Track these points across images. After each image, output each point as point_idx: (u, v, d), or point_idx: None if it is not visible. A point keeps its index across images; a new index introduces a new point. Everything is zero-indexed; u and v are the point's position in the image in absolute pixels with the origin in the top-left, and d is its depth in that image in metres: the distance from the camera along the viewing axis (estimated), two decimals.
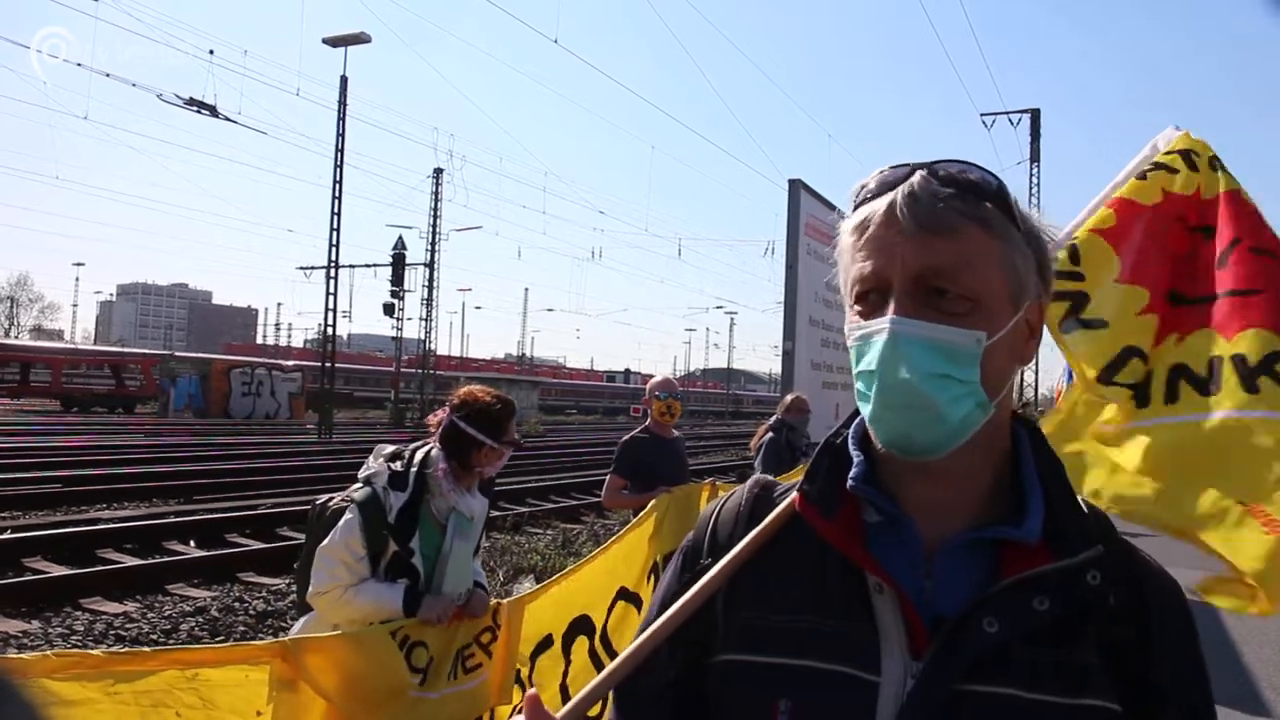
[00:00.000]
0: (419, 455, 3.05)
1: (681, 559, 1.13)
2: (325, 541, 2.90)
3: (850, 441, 1.04)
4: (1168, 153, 2.34)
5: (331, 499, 3.09)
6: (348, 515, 2.91)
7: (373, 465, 3.02)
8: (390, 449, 3.09)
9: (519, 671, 3.17)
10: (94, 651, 2.06)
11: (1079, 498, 0.99)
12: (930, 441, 0.92)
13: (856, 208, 0.98)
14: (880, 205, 0.94)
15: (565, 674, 3.30)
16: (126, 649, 2.12)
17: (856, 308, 0.97)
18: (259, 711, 2.20)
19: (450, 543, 2.99)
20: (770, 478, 1.16)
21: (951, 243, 0.92)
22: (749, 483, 1.15)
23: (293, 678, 2.31)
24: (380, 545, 2.89)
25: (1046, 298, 0.99)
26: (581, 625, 3.48)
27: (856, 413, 1.07)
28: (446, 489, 3.00)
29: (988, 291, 0.93)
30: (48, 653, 1.99)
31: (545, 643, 3.30)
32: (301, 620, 3.08)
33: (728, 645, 1.01)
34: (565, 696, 3.11)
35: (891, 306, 0.92)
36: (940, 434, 0.92)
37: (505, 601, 3.12)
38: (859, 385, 0.96)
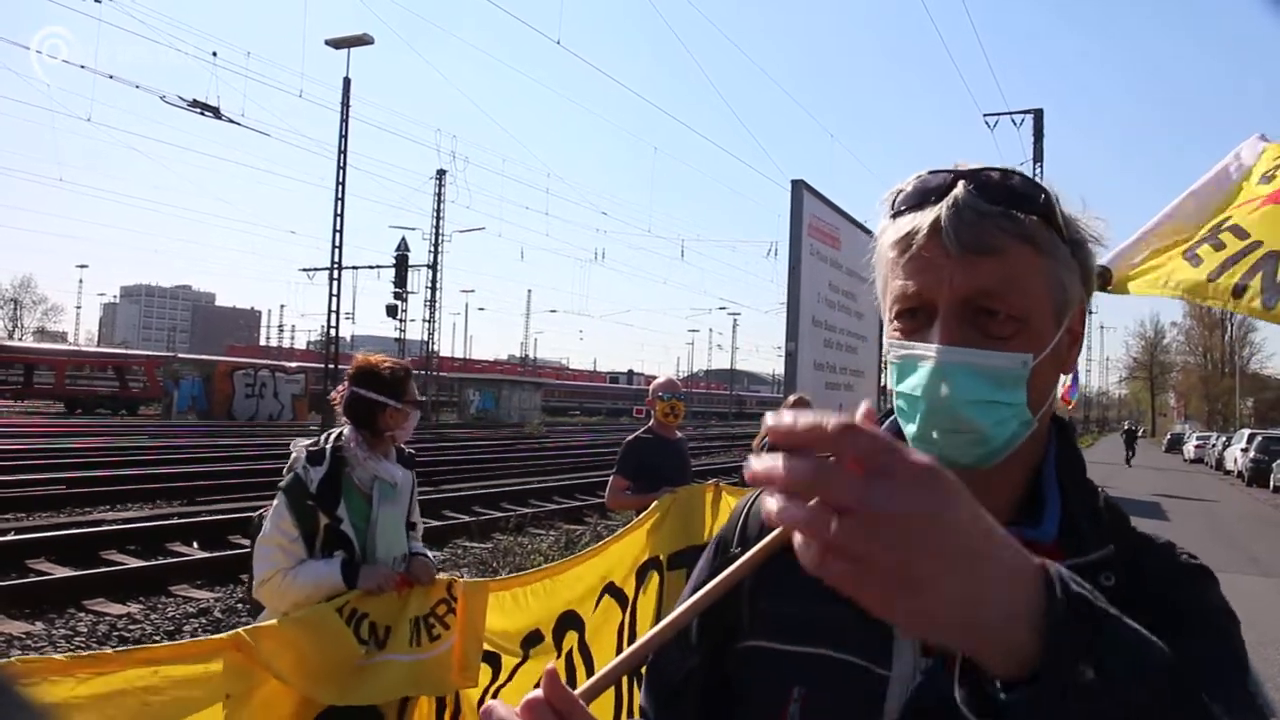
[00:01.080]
0: (333, 434, 3.16)
1: (714, 547, 1.16)
2: (260, 533, 3.01)
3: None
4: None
5: (268, 508, 3.18)
6: (275, 502, 3.01)
7: (293, 453, 3.11)
8: (308, 440, 3.19)
9: (502, 659, 3.22)
10: (56, 657, 2.14)
11: (1100, 497, 0.98)
12: (971, 462, 0.92)
13: (895, 215, 0.96)
14: (924, 222, 0.91)
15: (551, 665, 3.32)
16: (92, 653, 2.27)
17: (896, 323, 0.96)
18: (228, 695, 2.32)
19: (377, 509, 3.07)
20: None
21: (1000, 264, 0.90)
22: None
23: (248, 666, 2.42)
24: (311, 522, 2.97)
25: (1088, 301, 0.98)
26: (570, 620, 3.53)
27: (888, 415, 1.06)
28: (363, 457, 3.09)
29: (1035, 311, 0.92)
30: (13, 659, 2.06)
31: (534, 637, 3.36)
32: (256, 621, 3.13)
33: (752, 632, 1.03)
34: None
35: (938, 333, 0.91)
36: (983, 454, 0.92)
37: (463, 580, 3.16)
38: (900, 404, 0.95)
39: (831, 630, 0.96)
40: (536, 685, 0.95)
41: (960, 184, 0.91)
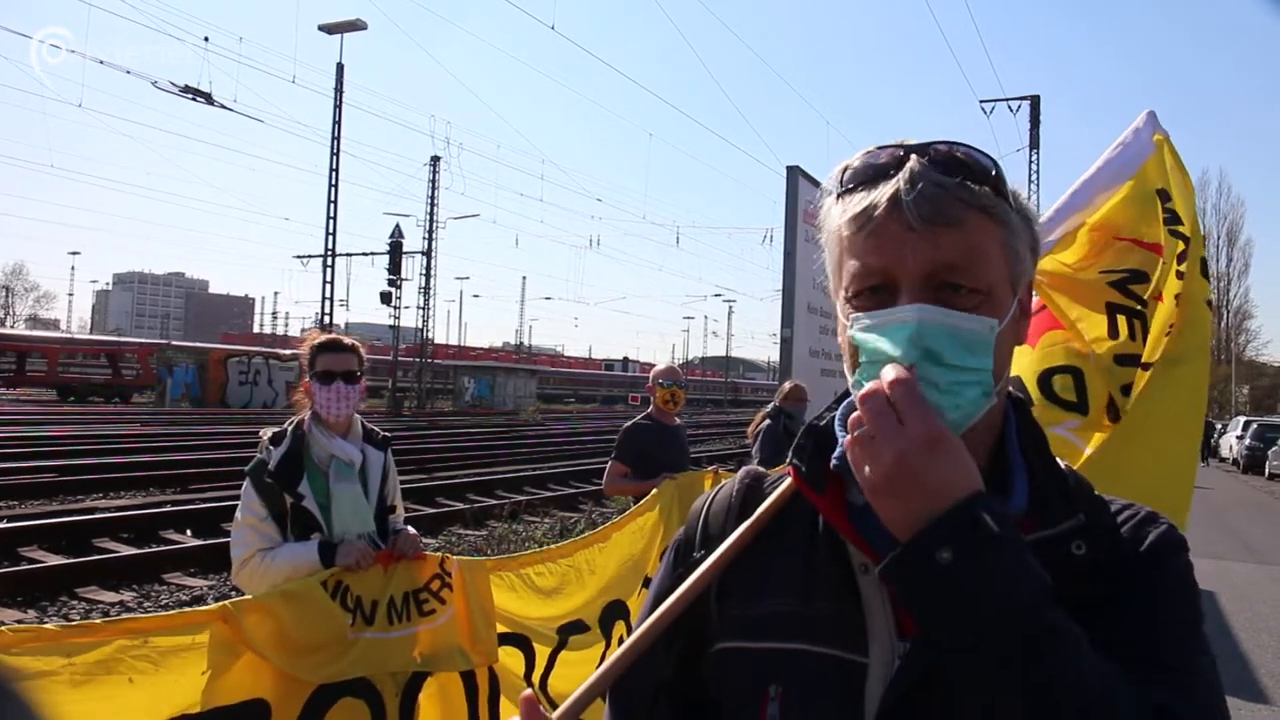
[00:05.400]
0: (297, 417, 3.21)
1: (674, 553, 1.14)
2: (234, 520, 3.06)
3: (836, 423, 1.02)
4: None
5: None
6: (243, 487, 3.05)
7: (260, 440, 3.16)
8: (275, 427, 3.22)
9: (534, 644, 3.24)
10: (46, 625, 2.20)
11: (1061, 466, 0.99)
12: None
13: (844, 193, 0.96)
14: (882, 196, 0.91)
15: (604, 655, 3.39)
16: (79, 623, 2.27)
17: (855, 301, 0.94)
18: (204, 671, 2.34)
19: (331, 486, 3.09)
20: (760, 469, 1.17)
21: (961, 235, 0.90)
22: (739, 475, 1.16)
23: (232, 639, 2.45)
24: (277, 502, 3.01)
25: (1033, 275, 0.99)
26: (616, 610, 3.58)
27: (843, 396, 1.05)
28: (318, 434, 3.13)
29: (996, 282, 0.92)
30: (3, 629, 2.12)
31: (577, 626, 3.41)
32: None
33: (722, 634, 1.02)
34: None
35: (905, 298, 0.89)
36: (951, 424, 0.89)
37: (460, 558, 3.16)
38: (868, 374, 0.92)
39: (803, 623, 0.95)
40: (602, 660, 0.94)
41: (914, 157, 0.91)
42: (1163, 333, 2.26)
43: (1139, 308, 2.38)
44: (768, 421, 7.37)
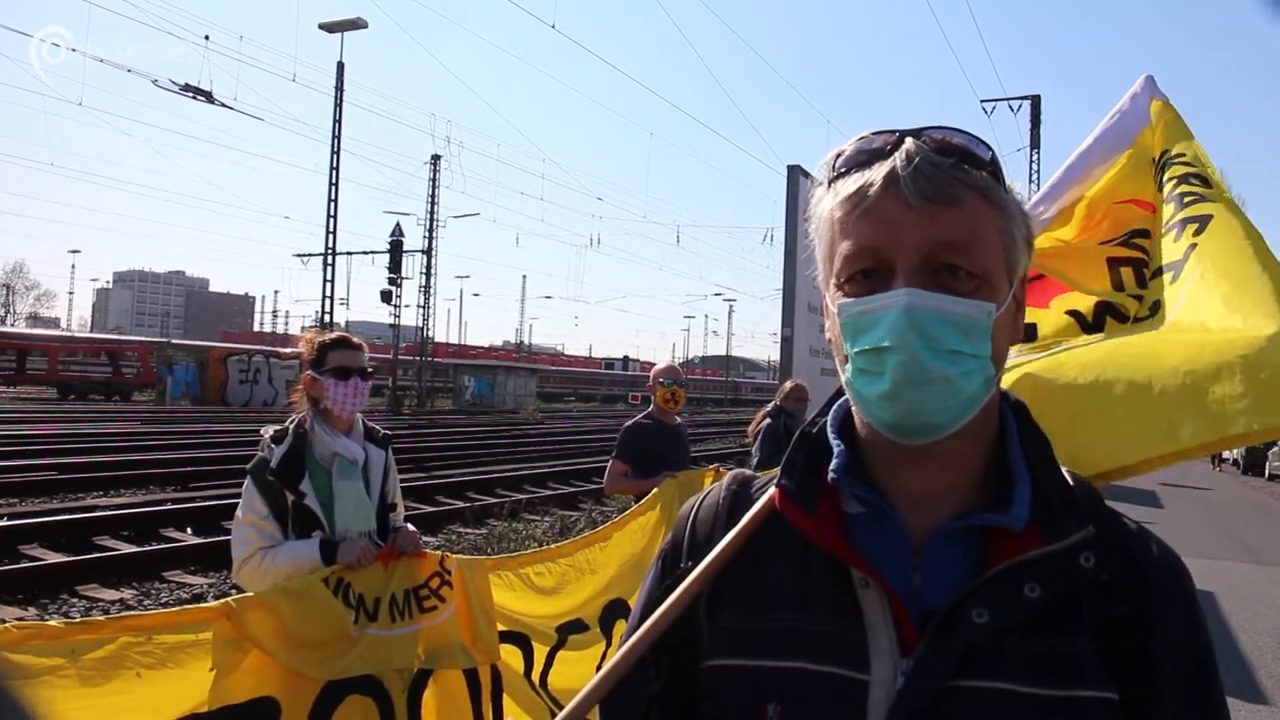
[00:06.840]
0: (297, 416, 3.21)
1: (661, 563, 1.10)
2: (234, 518, 3.06)
3: (829, 430, 0.99)
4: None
5: None
6: (245, 485, 3.05)
7: (262, 438, 3.16)
8: (276, 425, 3.23)
9: (532, 643, 3.24)
10: (50, 622, 2.17)
11: (1066, 474, 0.95)
12: (941, 420, 0.88)
13: (836, 178, 0.92)
14: (877, 174, 0.87)
15: (604, 654, 3.39)
16: (81, 619, 2.27)
17: (847, 287, 0.91)
18: (210, 669, 2.34)
19: (334, 484, 3.09)
20: (748, 472, 1.13)
21: (960, 214, 0.87)
22: (726, 479, 1.12)
23: (237, 636, 2.45)
24: (278, 500, 3.02)
25: (1029, 269, 0.96)
26: (617, 609, 3.58)
27: (831, 401, 1.04)
28: (320, 431, 3.14)
29: (993, 267, 0.89)
30: (7, 625, 2.11)
31: (576, 625, 3.41)
32: None
33: (714, 650, 0.97)
34: None
35: (900, 281, 0.86)
36: (952, 412, 0.88)
37: (459, 557, 3.17)
38: (860, 364, 0.89)
39: (802, 640, 0.91)
40: (598, 668, 0.94)
41: (909, 139, 0.89)
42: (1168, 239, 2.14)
43: (1143, 256, 2.28)
44: (768, 421, 7.38)
